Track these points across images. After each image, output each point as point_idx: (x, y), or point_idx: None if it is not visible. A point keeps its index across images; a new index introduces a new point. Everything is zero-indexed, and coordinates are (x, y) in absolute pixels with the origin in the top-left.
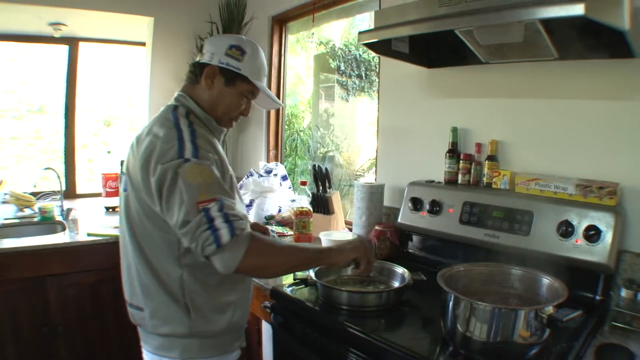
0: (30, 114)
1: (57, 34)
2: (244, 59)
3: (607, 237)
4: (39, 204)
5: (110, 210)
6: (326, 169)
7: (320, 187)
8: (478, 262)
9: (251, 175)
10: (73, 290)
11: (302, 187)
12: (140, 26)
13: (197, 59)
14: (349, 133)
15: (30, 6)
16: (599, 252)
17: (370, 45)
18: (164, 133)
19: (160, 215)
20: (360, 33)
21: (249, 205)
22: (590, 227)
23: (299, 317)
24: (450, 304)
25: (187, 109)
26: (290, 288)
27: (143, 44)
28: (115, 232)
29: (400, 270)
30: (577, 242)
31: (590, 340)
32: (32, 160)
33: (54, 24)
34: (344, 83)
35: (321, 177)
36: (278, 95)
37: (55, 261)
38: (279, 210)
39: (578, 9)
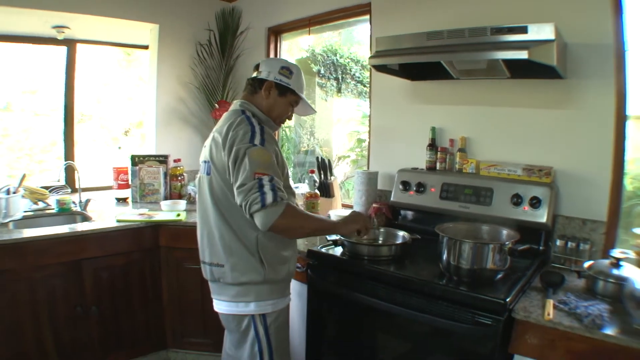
0: None
1: (60, 36)
2: (292, 77)
3: (545, 205)
4: (52, 197)
5: (121, 200)
6: (329, 160)
7: (323, 175)
8: (459, 221)
9: None
10: (105, 273)
11: (310, 174)
12: (141, 31)
13: (254, 75)
14: (327, 129)
15: (40, 10)
16: (540, 215)
17: (373, 65)
18: (240, 127)
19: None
20: (370, 57)
21: None
22: (534, 198)
23: (332, 267)
24: (446, 244)
25: (251, 112)
26: (324, 248)
27: (142, 47)
28: (141, 218)
29: (401, 233)
30: (525, 209)
31: (536, 274)
32: None
33: (57, 27)
34: (323, 85)
35: (324, 167)
36: None
37: (89, 246)
38: None
39: (524, 54)
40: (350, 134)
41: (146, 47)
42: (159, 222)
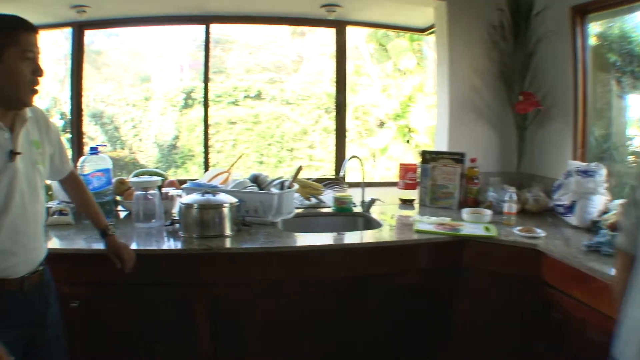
0: (247, 100)
1: (330, 16)
2: None
3: None
4: (327, 193)
5: (407, 202)
6: None
7: None
8: None
9: (570, 175)
10: (392, 294)
11: None
12: (419, 10)
13: None
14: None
15: None
16: None
17: None
18: None
19: None
20: None
21: (570, 207)
22: None
23: None
24: None
25: None
26: None
27: (417, 30)
28: (443, 229)
29: None
30: None
31: None
32: (248, 144)
33: (328, 6)
34: (620, 79)
35: None
36: (585, 95)
37: (379, 260)
38: (602, 214)
39: None
40: None
41: (422, 31)
42: (467, 237)
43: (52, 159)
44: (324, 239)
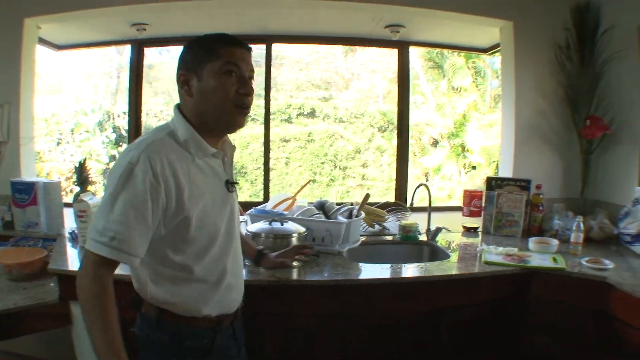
0: (301, 118)
1: (394, 37)
2: None
3: None
4: (390, 220)
5: (471, 230)
6: None
7: None
8: None
9: (638, 203)
10: (460, 327)
11: None
12: (484, 31)
13: None
14: None
15: (371, 4)
16: None
17: None
18: None
19: None
20: None
21: (637, 236)
22: None
23: None
24: None
25: None
26: None
27: (478, 50)
28: (512, 261)
29: None
30: None
31: None
32: (301, 162)
33: (392, 26)
34: None
35: None
36: None
37: (450, 292)
38: None
39: None
40: None
41: (484, 51)
42: (536, 269)
43: None
44: (393, 271)
